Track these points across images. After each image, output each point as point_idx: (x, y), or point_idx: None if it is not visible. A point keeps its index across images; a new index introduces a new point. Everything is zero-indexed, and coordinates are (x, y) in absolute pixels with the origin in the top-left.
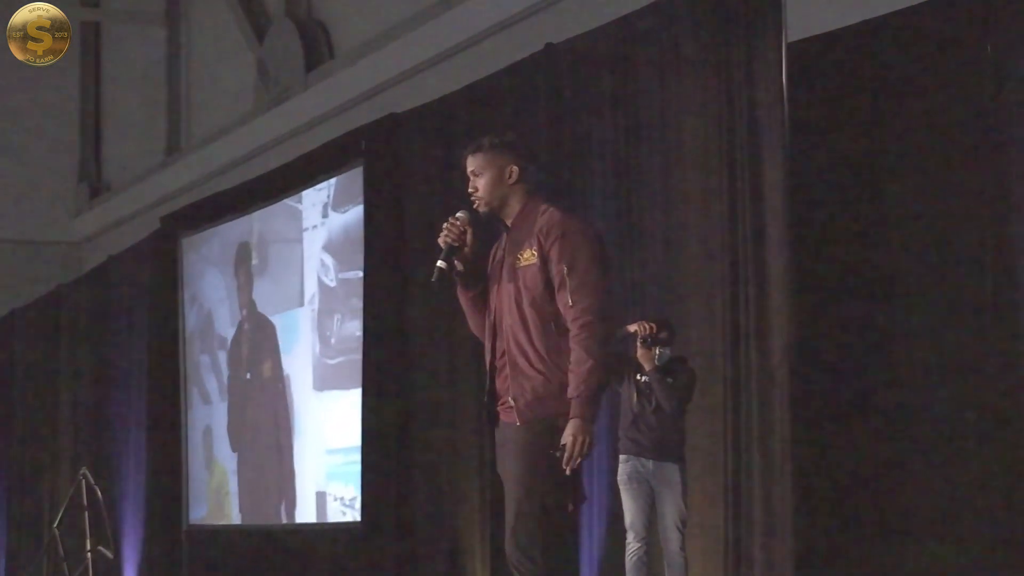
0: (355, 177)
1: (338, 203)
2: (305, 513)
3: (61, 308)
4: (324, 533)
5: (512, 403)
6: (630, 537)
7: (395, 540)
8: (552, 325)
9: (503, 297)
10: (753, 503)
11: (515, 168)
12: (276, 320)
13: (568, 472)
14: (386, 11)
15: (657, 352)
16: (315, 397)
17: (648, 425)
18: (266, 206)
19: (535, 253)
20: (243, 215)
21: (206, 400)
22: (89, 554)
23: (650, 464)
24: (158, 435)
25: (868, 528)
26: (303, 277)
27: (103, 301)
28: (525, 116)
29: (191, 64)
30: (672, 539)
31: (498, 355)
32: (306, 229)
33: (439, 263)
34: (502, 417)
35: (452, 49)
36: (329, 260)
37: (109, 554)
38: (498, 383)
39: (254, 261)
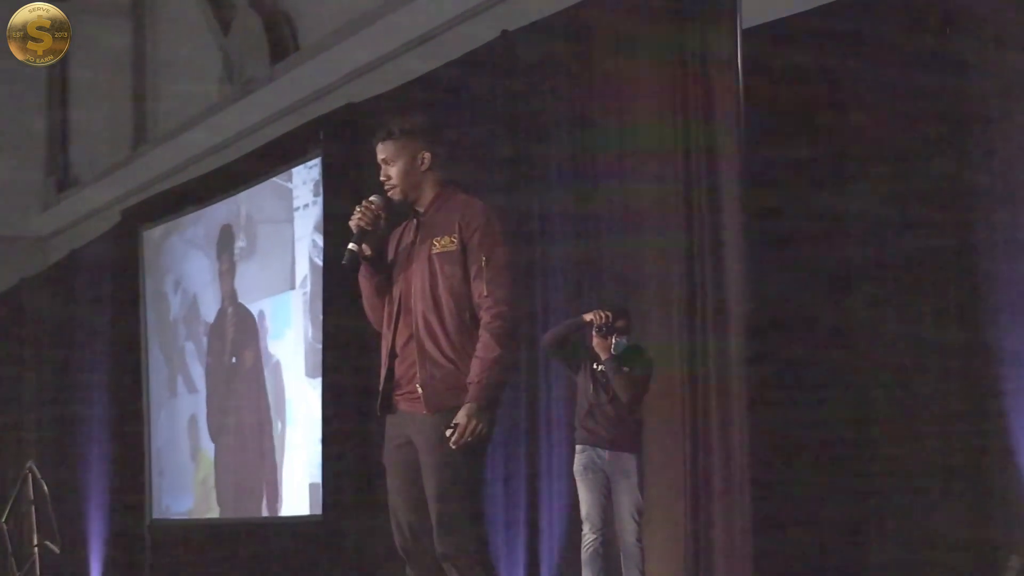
0: None
1: None
2: (297, 506)
3: (24, 303)
4: (285, 527)
5: (419, 391)
6: (586, 528)
7: (357, 534)
8: (467, 314)
9: (412, 283)
10: (712, 493)
11: (427, 155)
12: (266, 304)
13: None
14: (352, 1)
15: (613, 341)
16: (308, 384)
17: (604, 415)
18: (226, 197)
19: (454, 240)
20: (204, 206)
21: (191, 389)
22: (36, 549)
23: (606, 454)
24: (121, 428)
25: (829, 517)
26: (294, 259)
27: (66, 295)
28: (482, 103)
29: (157, 56)
30: (628, 530)
31: (399, 342)
32: (297, 209)
33: (351, 246)
34: (402, 406)
35: (418, 39)
36: (322, 240)
37: (56, 548)
38: (399, 370)
39: (241, 243)
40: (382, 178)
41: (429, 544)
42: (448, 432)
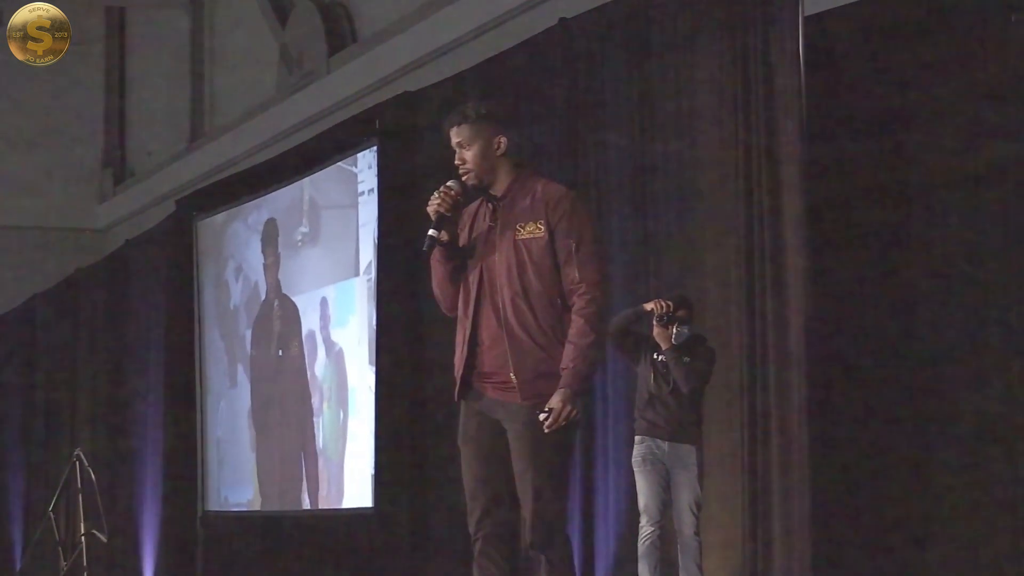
0: None
1: None
2: (359, 496)
3: (79, 292)
4: (337, 519)
5: (513, 379)
6: (643, 520)
7: (409, 526)
8: (558, 299)
9: (496, 269)
10: (771, 487)
11: (503, 139)
12: (329, 291)
13: (546, 431)
14: None
15: (674, 331)
16: (371, 372)
17: (664, 405)
18: (281, 188)
19: (541, 226)
20: (257, 197)
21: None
22: (83, 538)
23: (665, 445)
24: (176, 418)
25: (887, 512)
26: (358, 245)
27: (120, 285)
28: (539, 91)
29: (215, 49)
30: (686, 522)
31: (483, 330)
32: (361, 194)
33: (431, 232)
34: (491, 393)
35: (475, 31)
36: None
37: (103, 538)
38: (487, 358)
39: (304, 229)
40: (457, 162)
41: (504, 528)
42: (542, 416)
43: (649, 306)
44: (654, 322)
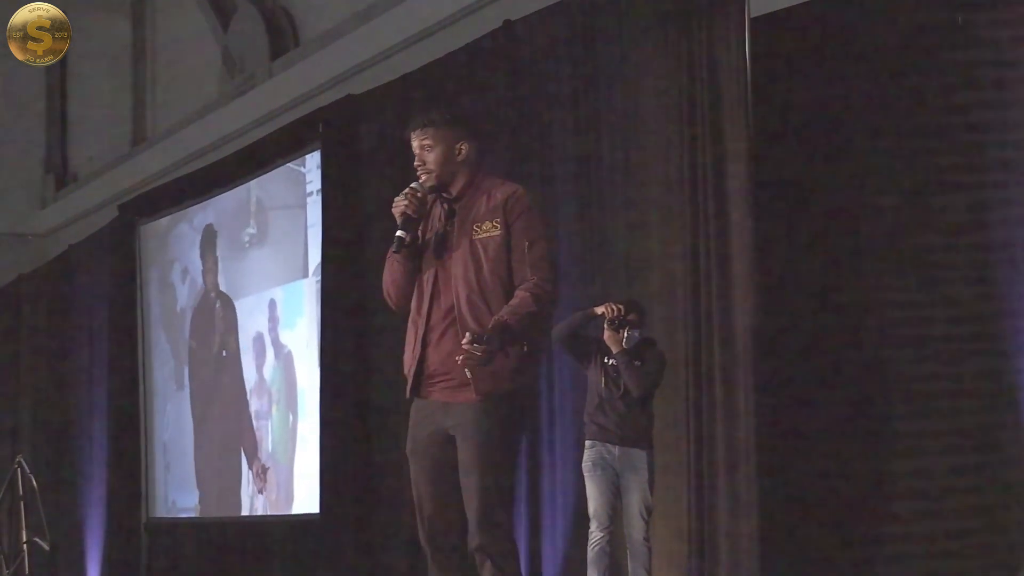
0: None
1: None
2: (309, 501)
3: (22, 298)
4: (283, 525)
5: (468, 375)
6: (593, 526)
7: (355, 531)
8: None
9: (452, 269)
10: (717, 491)
11: (464, 145)
12: (277, 293)
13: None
14: None
15: (625, 335)
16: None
17: (615, 410)
18: (223, 192)
19: (497, 224)
20: (200, 201)
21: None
22: (25, 546)
23: (616, 450)
24: (120, 424)
25: (834, 516)
26: (307, 245)
27: (63, 290)
28: (484, 93)
29: (156, 53)
30: (636, 528)
31: (433, 330)
32: (310, 194)
33: (399, 233)
34: (437, 395)
35: (419, 35)
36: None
37: (45, 546)
38: (434, 358)
39: (251, 230)
40: (417, 163)
41: (455, 537)
42: (464, 341)
43: (600, 309)
44: (604, 326)
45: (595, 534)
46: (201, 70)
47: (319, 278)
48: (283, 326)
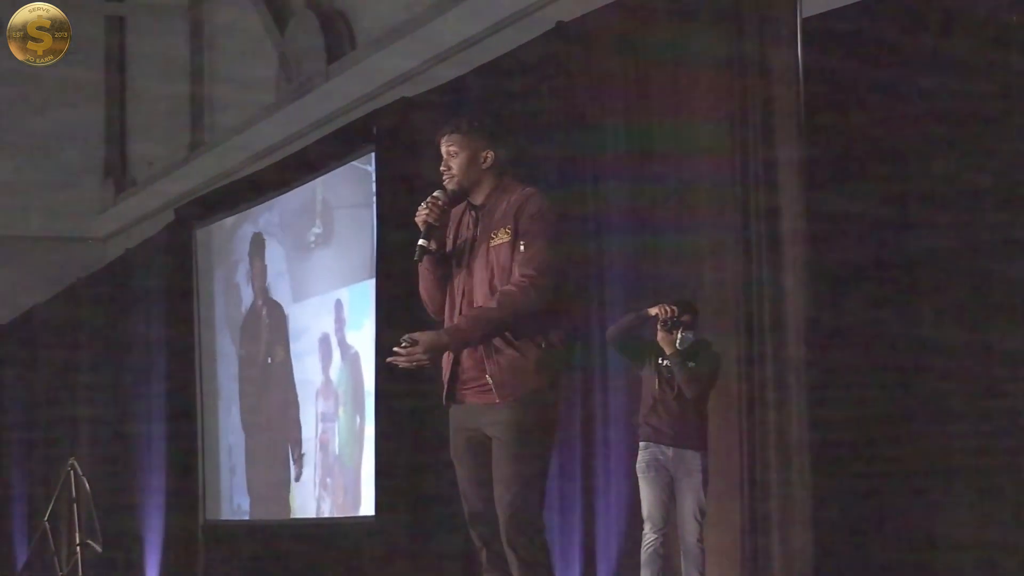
0: None
1: None
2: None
3: (80, 302)
4: (339, 527)
5: (489, 381)
6: (647, 528)
7: (409, 533)
8: None
9: (475, 275)
10: (769, 493)
11: (490, 154)
12: (343, 293)
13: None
14: (408, 0)
15: (679, 336)
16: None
17: (668, 411)
18: (279, 195)
19: (509, 231)
20: (256, 204)
21: None
22: (78, 548)
23: (669, 451)
24: (178, 427)
25: (891, 519)
26: (374, 245)
27: (121, 294)
28: (536, 95)
29: (214, 58)
30: (689, 530)
31: None
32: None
33: (421, 242)
34: (471, 399)
35: (474, 37)
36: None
37: (98, 548)
38: (466, 363)
39: (317, 230)
40: (442, 168)
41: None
42: (403, 344)
43: (653, 311)
44: (658, 327)
45: (648, 536)
46: (258, 74)
47: None
48: (349, 327)
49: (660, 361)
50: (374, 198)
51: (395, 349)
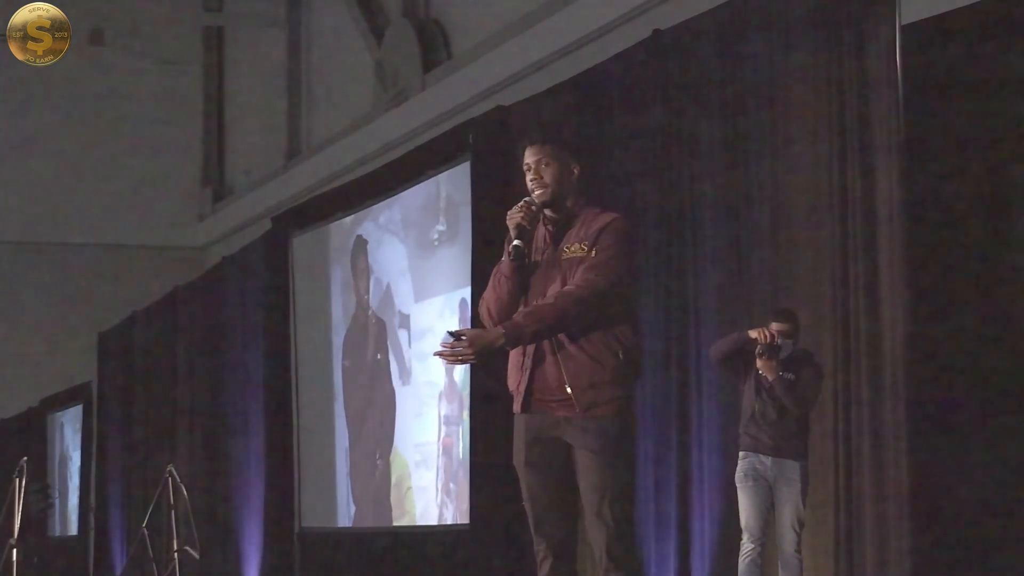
0: None
1: None
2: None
3: (179, 309)
4: (435, 534)
5: (568, 392)
6: (744, 537)
7: (504, 540)
8: None
9: (545, 285)
10: (865, 505)
11: (577, 168)
12: (468, 292)
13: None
14: (503, 9)
15: (780, 343)
16: None
17: (768, 421)
18: (375, 203)
19: (584, 247)
20: (351, 213)
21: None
22: (176, 554)
23: (768, 461)
24: (273, 434)
25: (990, 535)
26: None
27: (218, 302)
28: (632, 104)
29: (311, 67)
30: (788, 540)
31: (542, 345)
32: None
33: (516, 242)
34: (549, 409)
35: (570, 46)
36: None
37: (195, 554)
38: (548, 375)
39: (440, 227)
40: (532, 177)
41: (572, 546)
42: (451, 335)
43: (753, 334)
44: (756, 352)
45: (746, 546)
46: (355, 83)
47: None
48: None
49: (760, 372)
50: (470, 207)
51: (441, 343)
